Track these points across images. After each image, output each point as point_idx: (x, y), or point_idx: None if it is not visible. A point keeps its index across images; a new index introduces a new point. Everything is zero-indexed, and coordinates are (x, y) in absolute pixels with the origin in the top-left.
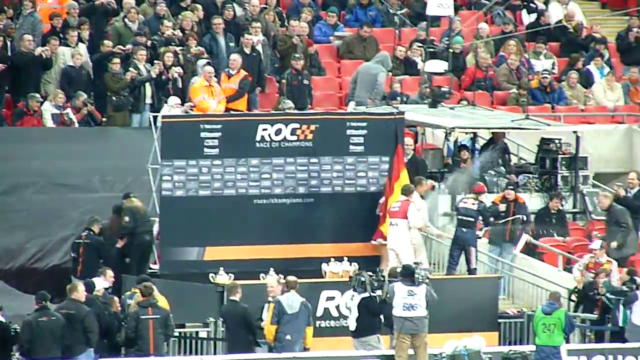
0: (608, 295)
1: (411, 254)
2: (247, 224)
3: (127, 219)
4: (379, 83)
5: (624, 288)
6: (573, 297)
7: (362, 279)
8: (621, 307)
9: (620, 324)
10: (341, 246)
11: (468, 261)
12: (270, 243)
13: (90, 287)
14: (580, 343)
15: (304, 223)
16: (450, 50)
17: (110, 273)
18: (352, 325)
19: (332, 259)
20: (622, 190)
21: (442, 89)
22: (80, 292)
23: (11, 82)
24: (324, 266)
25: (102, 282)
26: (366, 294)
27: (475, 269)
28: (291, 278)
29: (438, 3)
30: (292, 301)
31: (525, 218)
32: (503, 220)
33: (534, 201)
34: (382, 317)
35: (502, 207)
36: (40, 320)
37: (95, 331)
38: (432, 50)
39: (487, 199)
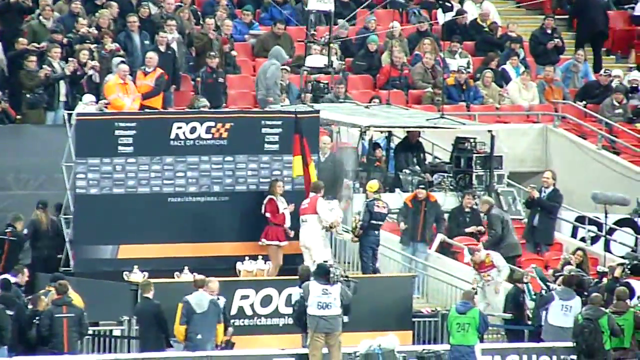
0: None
1: (323, 250)
2: (161, 222)
3: (25, 231)
4: (268, 77)
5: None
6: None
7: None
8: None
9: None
10: (256, 245)
11: (374, 261)
12: (185, 241)
13: (5, 285)
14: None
15: (218, 221)
16: (331, 46)
17: (26, 271)
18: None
19: (247, 258)
20: (536, 192)
21: (320, 83)
22: None
23: None
24: (238, 265)
25: (15, 280)
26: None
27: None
28: (199, 277)
29: None
30: (201, 300)
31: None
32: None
33: (448, 200)
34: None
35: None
36: None
37: (8, 328)
38: (312, 44)
39: (401, 197)
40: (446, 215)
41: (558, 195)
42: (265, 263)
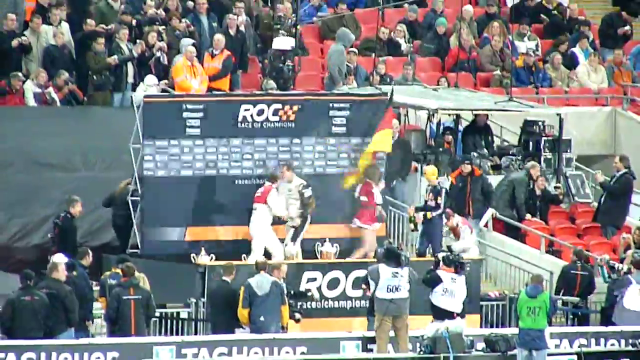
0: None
1: (270, 239)
2: (229, 204)
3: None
4: (331, 61)
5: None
6: None
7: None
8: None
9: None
10: (324, 227)
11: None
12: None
13: (70, 267)
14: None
15: None
16: (298, 27)
17: (89, 254)
18: (458, 307)
19: (327, 239)
20: (600, 176)
21: (284, 66)
22: (60, 271)
23: None
24: (318, 246)
25: (62, 258)
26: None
27: None
28: (260, 259)
29: None
30: (262, 282)
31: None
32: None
33: None
34: None
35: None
36: (23, 300)
37: (76, 311)
38: (278, 27)
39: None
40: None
41: (627, 180)
42: (332, 246)
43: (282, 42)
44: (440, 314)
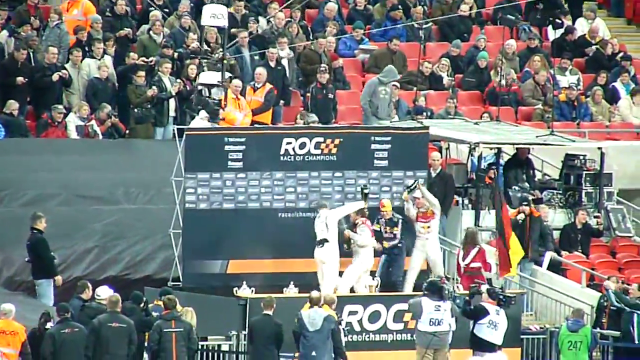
0: (620, 305)
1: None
2: (271, 237)
3: None
4: (364, 92)
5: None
6: None
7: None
8: (635, 319)
9: (636, 340)
10: None
11: None
12: (295, 257)
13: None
14: None
15: None
16: (225, 62)
17: (89, 287)
18: (500, 339)
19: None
20: None
21: (212, 100)
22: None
23: (33, 93)
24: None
25: (107, 290)
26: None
27: None
28: (315, 294)
29: (211, 13)
30: (314, 318)
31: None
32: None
33: (558, 217)
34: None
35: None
36: (63, 332)
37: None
38: (206, 61)
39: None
40: (557, 233)
41: None
42: (373, 279)
43: (208, 77)
44: (483, 347)
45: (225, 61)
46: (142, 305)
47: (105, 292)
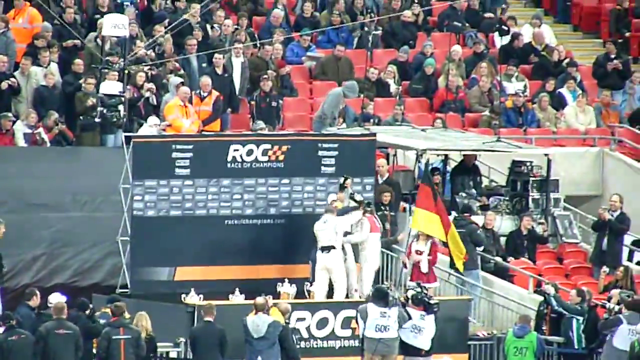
0: (560, 310)
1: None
2: (218, 244)
3: None
4: (327, 104)
5: (577, 306)
6: None
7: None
8: (574, 325)
9: (576, 345)
10: (309, 267)
11: None
12: (241, 264)
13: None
14: None
15: (274, 244)
16: (126, 72)
17: (37, 294)
18: (426, 344)
19: (286, 280)
20: (607, 214)
21: (110, 113)
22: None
23: None
24: (278, 286)
25: (59, 297)
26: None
27: None
28: (260, 300)
29: (113, 24)
30: (257, 324)
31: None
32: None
33: (505, 223)
34: None
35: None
36: (10, 340)
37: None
38: (107, 70)
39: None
40: (503, 239)
41: (626, 218)
42: (290, 286)
43: (110, 87)
44: (409, 352)
45: (126, 71)
46: (88, 312)
47: (57, 300)
